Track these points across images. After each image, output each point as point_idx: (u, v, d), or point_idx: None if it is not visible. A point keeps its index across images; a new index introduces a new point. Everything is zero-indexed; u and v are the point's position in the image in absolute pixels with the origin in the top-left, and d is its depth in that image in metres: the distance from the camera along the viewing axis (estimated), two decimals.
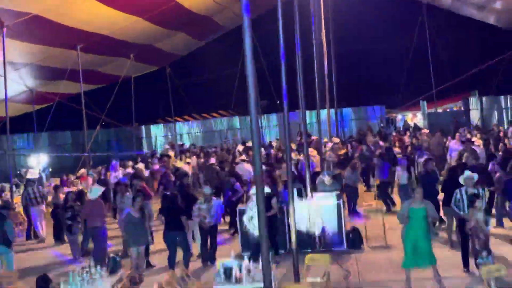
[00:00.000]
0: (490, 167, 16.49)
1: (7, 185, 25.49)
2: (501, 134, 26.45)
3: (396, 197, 18.97)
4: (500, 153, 19.22)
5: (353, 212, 18.51)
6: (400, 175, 17.78)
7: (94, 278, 10.62)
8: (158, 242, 15.51)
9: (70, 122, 37.27)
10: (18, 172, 29.34)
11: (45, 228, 19.82)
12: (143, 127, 44.51)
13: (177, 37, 31.07)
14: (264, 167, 15.46)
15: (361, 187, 21.22)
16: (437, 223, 15.30)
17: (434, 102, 37.98)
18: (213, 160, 25.31)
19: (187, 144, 39.67)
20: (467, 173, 12.81)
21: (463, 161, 17.86)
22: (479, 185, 12.83)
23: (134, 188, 17.49)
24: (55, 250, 17.88)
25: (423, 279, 11.79)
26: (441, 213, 14.84)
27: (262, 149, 24.75)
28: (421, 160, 19.33)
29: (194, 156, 29.30)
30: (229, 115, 43.89)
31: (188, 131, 44.10)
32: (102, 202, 15.52)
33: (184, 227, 13.87)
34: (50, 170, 31.23)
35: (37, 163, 30.82)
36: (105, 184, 20.73)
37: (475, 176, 12.70)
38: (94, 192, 15.48)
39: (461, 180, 12.79)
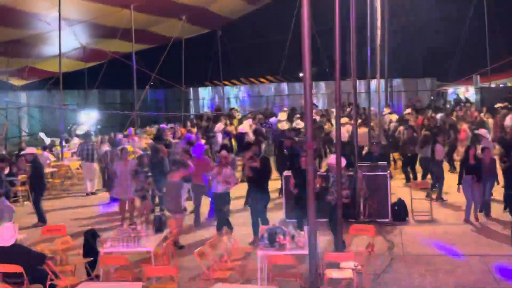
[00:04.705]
0: None
1: (57, 140, 26.12)
2: None
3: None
4: None
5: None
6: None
7: (140, 235, 10.84)
8: None
9: (119, 81, 37.70)
10: (68, 127, 29.93)
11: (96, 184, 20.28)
12: (191, 89, 44.75)
13: (230, 0, 30.96)
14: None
15: None
16: None
17: (488, 77, 37.10)
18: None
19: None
20: None
21: None
22: None
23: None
24: (106, 205, 18.00)
25: None
26: None
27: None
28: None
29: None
30: (277, 81, 43.70)
31: (236, 95, 44.15)
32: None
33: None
34: (99, 127, 31.74)
35: (87, 119, 31.35)
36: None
37: None
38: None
39: None
